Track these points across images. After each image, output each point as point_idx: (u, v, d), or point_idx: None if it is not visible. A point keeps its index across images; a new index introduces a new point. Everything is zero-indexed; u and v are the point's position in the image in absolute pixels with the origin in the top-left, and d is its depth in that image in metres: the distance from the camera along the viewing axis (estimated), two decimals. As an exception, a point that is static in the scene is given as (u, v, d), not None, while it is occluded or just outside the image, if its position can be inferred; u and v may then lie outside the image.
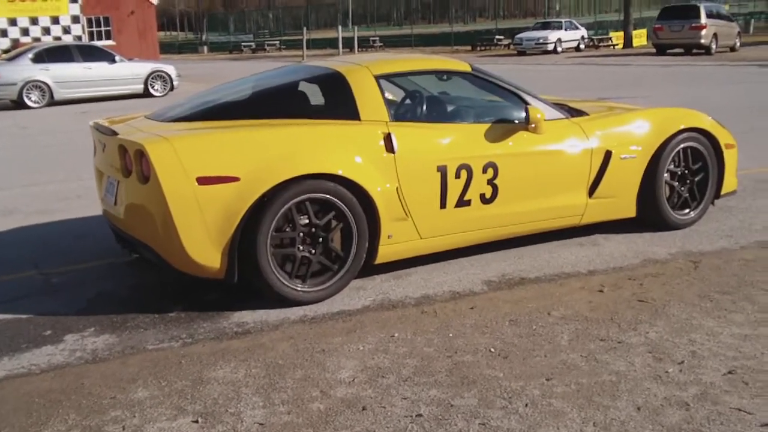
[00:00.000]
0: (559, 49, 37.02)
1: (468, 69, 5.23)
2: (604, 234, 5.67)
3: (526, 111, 4.99)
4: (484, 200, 4.95)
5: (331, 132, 4.54)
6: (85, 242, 5.93)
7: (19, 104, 18.38)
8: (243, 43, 59.21)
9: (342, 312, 4.36)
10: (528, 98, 5.23)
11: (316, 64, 5.27)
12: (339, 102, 4.75)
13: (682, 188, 5.67)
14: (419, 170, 4.70)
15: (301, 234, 4.42)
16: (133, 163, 4.30)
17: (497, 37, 44.43)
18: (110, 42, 25.72)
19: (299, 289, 4.45)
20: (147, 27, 26.71)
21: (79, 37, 24.81)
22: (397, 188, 4.62)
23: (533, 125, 5.00)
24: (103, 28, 25.79)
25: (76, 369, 3.76)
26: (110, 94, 19.50)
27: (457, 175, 4.81)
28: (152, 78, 20.22)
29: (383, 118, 4.73)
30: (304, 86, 5.02)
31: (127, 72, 19.66)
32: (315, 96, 4.97)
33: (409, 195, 4.68)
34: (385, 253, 4.73)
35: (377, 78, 4.86)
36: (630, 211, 5.57)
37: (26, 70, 18.31)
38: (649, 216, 5.63)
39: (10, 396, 3.49)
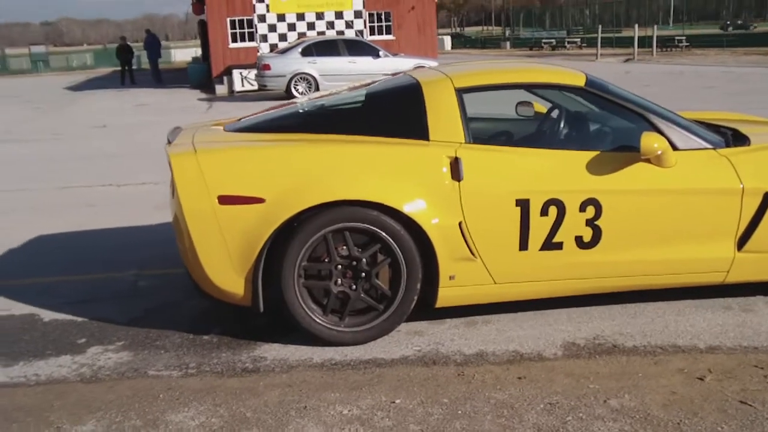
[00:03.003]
0: None
1: (580, 83, 4.29)
2: (773, 297, 4.44)
3: (641, 139, 3.97)
4: (582, 244, 4.04)
5: (382, 153, 3.94)
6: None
7: (288, 95, 19.49)
8: (543, 40, 58.11)
9: (372, 361, 3.79)
10: (657, 121, 4.19)
11: (411, 73, 4.66)
12: (409, 118, 4.12)
13: None
14: (491, 203, 3.93)
15: (339, 267, 3.90)
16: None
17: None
18: (390, 37, 26.38)
19: (333, 327, 3.93)
20: (426, 22, 27.00)
21: (361, 32, 25.82)
22: (460, 223, 3.91)
23: (654, 155, 3.97)
24: (384, 23, 26.55)
25: (65, 387, 3.62)
26: (373, 88, 19.93)
27: (544, 212, 3.97)
28: (415, 74, 20.37)
29: (457, 139, 4.02)
30: (384, 98, 4.44)
31: (390, 66, 19.92)
32: (394, 110, 4.35)
33: (477, 232, 3.94)
34: (447, 296, 4.04)
35: (459, 91, 4.15)
36: (805, 271, 4.28)
37: (295, 63, 19.36)
38: (837, 281, 4.29)
39: (-20, 409, 3.42)
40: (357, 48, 20.13)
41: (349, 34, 25.43)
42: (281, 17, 25.39)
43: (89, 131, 14.41)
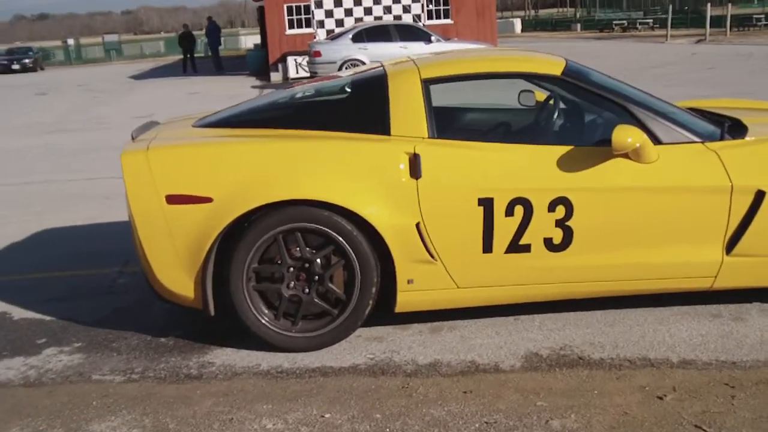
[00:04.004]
0: None
1: (556, 72, 3.99)
2: (772, 304, 4.09)
3: (613, 133, 3.67)
4: (551, 247, 3.78)
5: (336, 149, 3.74)
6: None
7: (339, 82, 19.37)
8: (614, 22, 56.40)
9: (319, 369, 3.62)
10: (638, 112, 3.88)
11: (387, 63, 4.43)
12: (372, 111, 3.92)
13: None
14: (451, 202, 3.70)
15: (291, 269, 3.74)
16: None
17: None
18: (448, 21, 25.98)
19: (285, 333, 3.78)
20: (486, 6, 26.41)
21: (418, 16, 25.51)
22: (418, 224, 3.69)
23: (630, 150, 3.67)
24: (442, 8, 26.14)
25: (5, 391, 3.58)
26: (425, 74, 19.65)
27: (509, 212, 3.72)
28: (468, 58, 19.99)
29: (419, 134, 3.80)
30: (351, 91, 4.24)
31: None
32: (359, 103, 4.15)
33: (437, 233, 3.72)
34: (407, 301, 3.84)
35: (426, 82, 3.93)
36: (804, 277, 3.92)
37: (345, 49, 19.22)
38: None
39: None
40: (409, 33, 19.85)
41: (407, 18, 25.16)
42: (338, 2, 25.27)
43: (135, 121, 14.55)
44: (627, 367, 3.48)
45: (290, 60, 22.95)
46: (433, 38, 19.80)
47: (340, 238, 3.67)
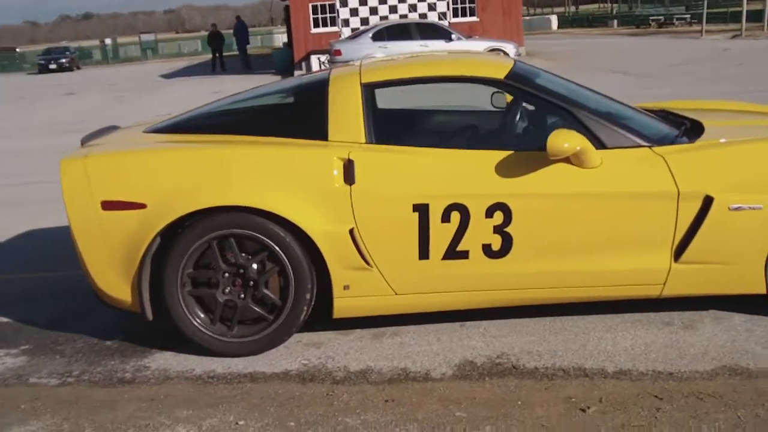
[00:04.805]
0: None
1: (499, 76, 3.91)
2: (728, 312, 3.96)
3: (549, 137, 3.58)
4: (490, 253, 3.71)
5: (270, 155, 3.72)
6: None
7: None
8: (651, 18, 55.46)
9: (251, 374, 3.61)
10: (582, 116, 3.79)
11: (335, 67, 4.40)
12: (311, 117, 3.89)
13: None
14: (384, 208, 3.65)
15: (226, 275, 3.73)
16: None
17: None
18: (474, 18, 25.81)
19: (220, 338, 3.77)
20: (512, 4, 26.15)
21: (444, 14, 25.40)
22: (351, 230, 3.65)
23: (568, 155, 3.58)
24: (468, 5, 25.97)
25: (-61, 394, 3.61)
26: (446, 72, 19.55)
27: (446, 218, 3.66)
28: (490, 56, 19.84)
29: (356, 140, 3.76)
30: (293, 96, 4.22)
31: (462, 50, 19.52)
32: (300, 108, 4.12)
33: (371, 239, 3.68)
34: (344, 307, 3.80)
35: (366, 87, 3.88)
36: (756, 284, 3.79)
37: (365, 47, 19.18)
38: (796, 295, 3.79)
39: None
40: (429, 31, 19.79)
41: (432, 16, 25.08)
42: (363, 1, 25.27)
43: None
44: (559, 377, 3.40)
45: (313, 58, 23.01)
46: (453, 36, 19.71)
47: (273, 244, 3.65)
